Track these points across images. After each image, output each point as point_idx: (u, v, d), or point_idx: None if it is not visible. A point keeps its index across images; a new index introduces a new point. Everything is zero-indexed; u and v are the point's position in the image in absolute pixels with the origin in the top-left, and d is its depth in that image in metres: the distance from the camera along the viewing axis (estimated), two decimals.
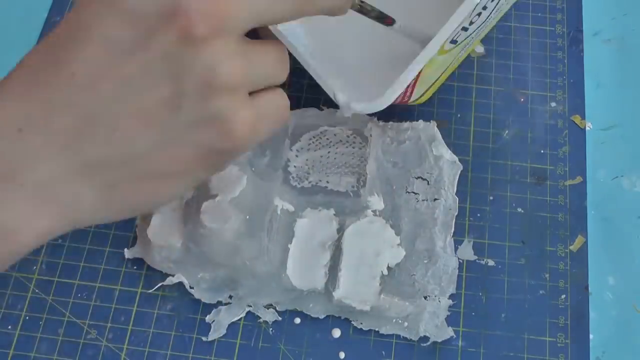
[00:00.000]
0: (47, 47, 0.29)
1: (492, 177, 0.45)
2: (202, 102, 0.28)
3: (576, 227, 0.43)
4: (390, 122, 0.45)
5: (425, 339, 0.40)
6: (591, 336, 0.40)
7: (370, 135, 0.44)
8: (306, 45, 0.41)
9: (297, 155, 0.43)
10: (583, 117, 0.47)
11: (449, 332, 0.40)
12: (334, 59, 0.43)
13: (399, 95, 0.39)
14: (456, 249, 0.43)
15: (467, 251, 0.43)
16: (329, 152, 0.44)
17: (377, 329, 0.40)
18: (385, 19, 0.39)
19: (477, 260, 0.42)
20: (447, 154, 0.43)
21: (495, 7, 0.40)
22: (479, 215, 0.44)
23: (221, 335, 0.41)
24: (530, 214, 0.44)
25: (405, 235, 0.42)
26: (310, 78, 0.38)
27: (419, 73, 0.38)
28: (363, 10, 0.38)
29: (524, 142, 0.46)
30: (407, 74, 0.38)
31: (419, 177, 0.43)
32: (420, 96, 0.43)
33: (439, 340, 0.40)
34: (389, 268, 0.40)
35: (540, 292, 0.42)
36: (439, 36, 0.37)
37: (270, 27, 0.38)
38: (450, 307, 0.41)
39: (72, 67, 0.28)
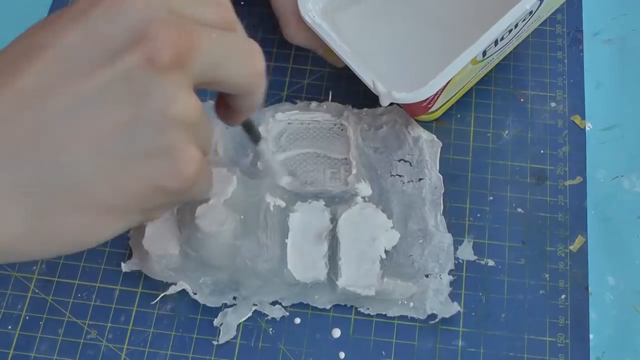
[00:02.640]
0: None
1: (492, 177, 0.45)
2: (157, 132, 0.27)
3: (576, 227, 0.43)
4: (365, 109, 0.46)
5: (432, 317, 0.40)
6: (591, 336, 0.40)
7: (348, 124, 0.44)
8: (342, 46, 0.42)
9: (280, 151, 0.44)
10: (583, 117, 0.47)
11: (455, 307, 0.40)
12: (366, 54, 0.44)
13: (427, 99, 0.40)
14: (456, 249, 0.43)
15: (467, 251, 0.43)
16: (310, 147, 0.44)
17: (384, 313, 0.41)
18: (255, 135, 0.38)
19: (477, 260, 0.42)
20: (425, 134, 0.44)
21: (522, 28, 0.42)
22: (479, 215, 0.44)
23: (232, 337, 0.41)
24: (530, 214, 0.44)
25: (397, 217, 0.42)
26: (310, 77, 0.38)
27: (450, 79, 0.40)
28: (247, 123, 0.37)
29: (524, 142, 0.46)
30: (453, 67, 0.39)
31: (400, 160, 0.44)
32: (439, 108, 0.44)
33: (447, 316, 0.40)
34: (386, 251, 0.41)
35: (540, 292, 0.42)
36: (489, 34, 0.39)
37: (310, 22, 0.41)
38: (452, 283, 0.41)
39: (20, 81, 0.26)
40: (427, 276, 0.41)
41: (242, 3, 0.51)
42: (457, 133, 0.46)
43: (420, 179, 0.43)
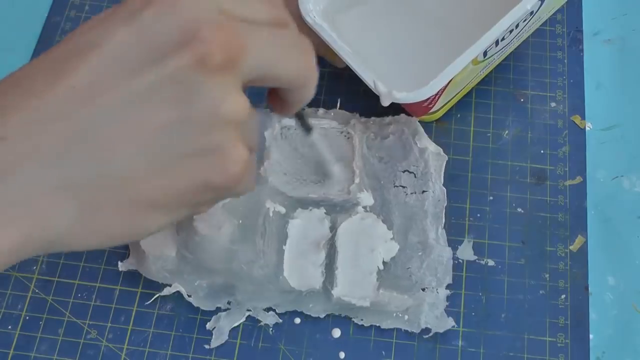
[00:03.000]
0: (48, 58, 0.28)
1: (492, 177, 0.45)
2: (206, 132, 0.27)
3: (576, 227, 0.43)
4: (372, 118, 0.45)
5: (426, 331, 0.40)
6: (591, 336, 0.40)
7: (354, 132, 0.44)
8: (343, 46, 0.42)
9: (285, 157, 0.44)
10: (583, 117, 0.47)
11: (450, 322, 0.40)
12: (367, 55, 0.44)
13: (428, 99, 0.40)
14: (456, 249, 0.43)
15: (467, 251, 0.43)
16: (315, 154, 0.44)
17: (378, 325, 0.41)
18: (306, 126, 0.38)
19: (477, 260, 0.42)
20: (432, 146, 0.44)
21: (523, 29, 0.42)
22: (479, 215, 0.44)
23: (223, 342, 0.41)
24: (530, 214, 0.44)
25: (397, 229, 0.42)
26: None
27: (451, 79, 0.40)
28: (300, 115, 0.37)
29: (524, 142, 0.46)
30: (454, 66, 0.39)
31: (405, 171, 0.43)
32: (440, 108, 0.44)
33: (441, 331, 0.40)
34: (384, 263, 0.41)
35: (540, 292, 0.42)
36: (490, 34, 0.39)
37: (310, 22, 0.41)
38: (449, 298, 0.41)
39: (73, 79, 0.26)
40: (423, 290, 0.41)
41: None
42: (457, 133, 0.46)
43: (423, 191, 0.43)
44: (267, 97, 0.33)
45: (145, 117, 0.27)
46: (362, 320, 0.41)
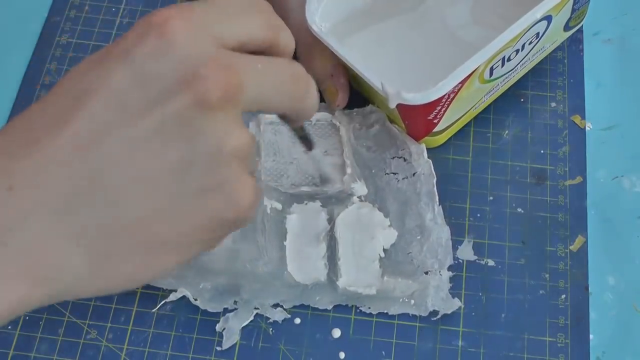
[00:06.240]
0: (47, 106, 0.27)
1: (492, 177, 0.45)
2: (212, 169, 0.27)
3: (576, 227, 0.43)
4: (355, 109, 0.45)
5: (434, 313, 0.40)
6: (591, 336, 0.40)
7: (339, 123, 0.44)
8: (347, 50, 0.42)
9: (273, 159, 0.44)
10: (583, 117, 0.47)
11: (456, 303, 0.40)
12: (371, 59, 0.44)
13: (434, 110, 0.40)
14: (456, 249, 0.43)
15: (467, 251, 0.43)
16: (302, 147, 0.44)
17: (385, 311, 0.41)
18: (307, 143, 0.38)
19: (477, 260, 0.42)
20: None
21: (527, 55, 0.43)
22: (479, 215, 0.44)
23: (234, 342, 0.40)
24: (530, 214, 0.44)
25: (393, 215, 0.42)
26: None
27: (458, 91, 0.40)
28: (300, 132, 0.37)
29: (524, 142, 0.46)
30: (463, 69, 0.39)
31: (394, 157, 0.44)
32: (443, 130, 0.44)
33: (449, 312, 0.40)
34: (385, 250, 0.41)
35: (540, 292, 0.42)
36: (500, 39, 0.39)
37: (317, 32, 0.41)
38: (451, 279, 0.41)
39: (75, 125, 0.26)
40: (426, 273, 0.41)
41: None
42: (457, 133, 0.46)
43: (414, 174, 0.43)
44: None
45: (151, 159, 0.27)
46: (369, 308, 0.41)
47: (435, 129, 0.43)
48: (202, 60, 0.26)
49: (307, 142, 0.37)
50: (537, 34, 0.42)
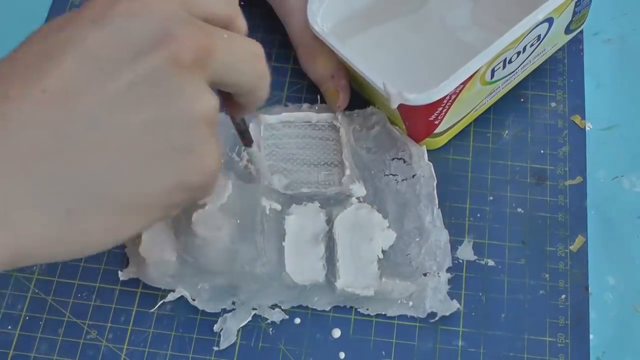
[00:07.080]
0: (17, 60, 0.27)
1: (492, 177, 0.45)
2: (184, 130, 0.27)
3: (576, 227, 0.43)
4: (356, 110, 0.46)
5: (432, 315, 0.40)
6: (591, 336, 0.40)
7: (340, 124, 0.44)
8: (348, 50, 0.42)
9: (272, 153, 0.44)
10: (583, 117, 0.47)
11: (454, 305, 0.40)
12: (372, 60, 0.44)
13: (436, 111, 0.40)
14: (456, 249, 0.43)
15: (467, 251, 0.43)
16: (303, 148, 0.45)
17: (383, 313, 0.41)
18: (245, 139, 0.38)
19: (477, 260, 0.42)
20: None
21: (528, 57, 0.43)
22: (479, 215, 0.44)
23: (232, 342, 0.41)
24: (530, 214, 0.44)
25: (392, 217, 0.42)
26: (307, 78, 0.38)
27: (459, 92, 0.40)
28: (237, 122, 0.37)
29: (524, 142, 0.46)
30: (466, 69, 0.39)
31: (394, 159, 0.44)
32: (444, 131, 0.44)
33: (447, 314, 0.40)
34: (383, 251, 0.41)
35: (540, 292, 0.42)
36: (503, 40, 0.39)
37: (319, 32, 0.41)
38: (450, 281, 0.41)
39: (47, 82, 0.26)
40: (425, 275, 0.41)
41: (241, 3, 0.51)
42: (457, 133, 0.46)
43: (414, 175, 0.43)
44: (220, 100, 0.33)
45: (123, 118, 0.26)
46: (367, 309, 0.41)
47: (436, 131, 0.43)
48: (175, 22, 0.27)
49: (246, 136, 0.38)
50: (539, 36, 0.42)
